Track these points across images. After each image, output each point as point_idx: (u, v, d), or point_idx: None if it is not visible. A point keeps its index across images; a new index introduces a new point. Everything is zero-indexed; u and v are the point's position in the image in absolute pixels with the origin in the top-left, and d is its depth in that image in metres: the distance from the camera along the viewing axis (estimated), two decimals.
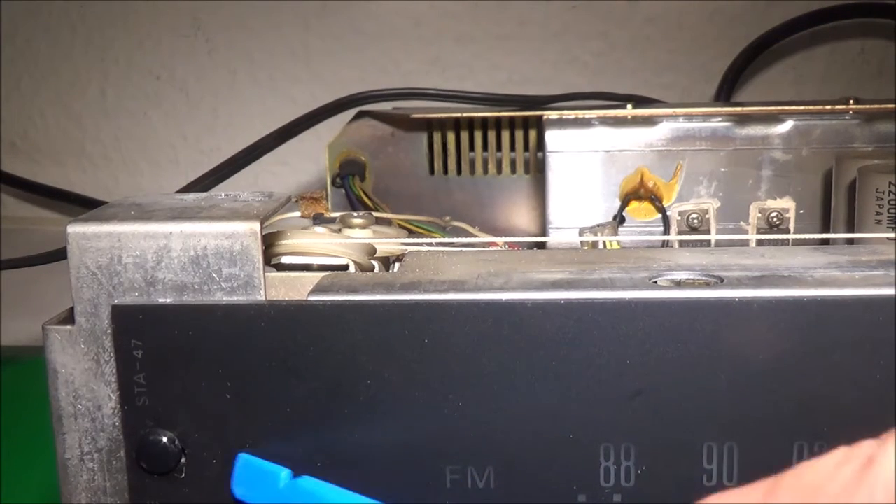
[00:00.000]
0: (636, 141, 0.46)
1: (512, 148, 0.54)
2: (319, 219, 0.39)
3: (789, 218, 0.42)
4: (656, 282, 0.26)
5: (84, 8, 0.83)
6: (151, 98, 0.83)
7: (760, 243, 0.42)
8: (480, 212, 0.54)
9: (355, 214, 0.35)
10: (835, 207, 0.43)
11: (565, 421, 0.25)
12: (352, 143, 0.54)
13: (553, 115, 0.47)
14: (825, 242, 0.42)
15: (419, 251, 0.32)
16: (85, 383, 0.27)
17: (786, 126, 0.46)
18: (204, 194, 0.29)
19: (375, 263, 0.32)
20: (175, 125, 0.84)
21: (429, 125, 0.54)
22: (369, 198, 0.52)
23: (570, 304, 0.25)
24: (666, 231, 0.45)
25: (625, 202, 0.46)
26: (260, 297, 0.26)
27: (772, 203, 0.43)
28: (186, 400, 0.26)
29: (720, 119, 0.46)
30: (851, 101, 0.47)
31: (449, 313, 0.25)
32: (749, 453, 0.25)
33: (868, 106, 0.47)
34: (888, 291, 0.24)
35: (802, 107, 0.47)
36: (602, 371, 0.25)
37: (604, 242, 0.40)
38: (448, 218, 0.47)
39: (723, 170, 0.46)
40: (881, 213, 0.39)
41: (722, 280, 0.26)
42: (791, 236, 0.42)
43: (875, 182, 0.40)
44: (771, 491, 0.21)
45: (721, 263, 0.28)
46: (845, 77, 0.78)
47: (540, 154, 0.50)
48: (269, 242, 0.30)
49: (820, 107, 0.47)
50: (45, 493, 0.45)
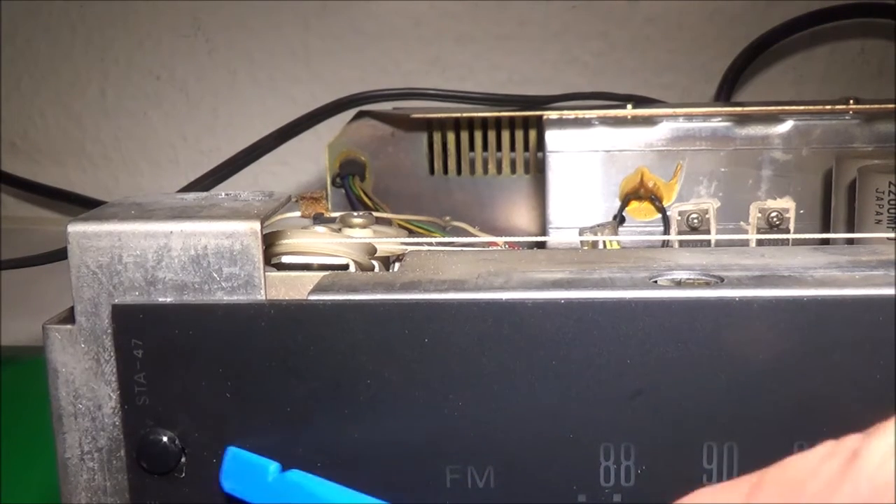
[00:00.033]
0: (636, 141, 0.46)
1: (512, 148, 0.54)
2: (319, 219, 0.39)
3: (789, 218, 0.42)
4: (656, 282, 0.26)
5: (84, 8, 0.83)
6: (151, 98, 0.83)
7: (760, 243, 0.42)
8: (480, 212, 0.54)
9: (355, 214, 0.36)
10: (835, 207, 0.43)
11: (565, 421, 0.25)
12: (352, 143, 0.54)
13: (553, 115, 0.47)
14: (825, 242, 0.42)
15: (419, 251, 0.32)
16: (85, 383, 0.27)
17: (786, 126, 0.46)
18: (204, 194, 0.29)
19: (375, 263, 0.32)
20: (175, 125, 0.84)
21: (429, 125, 0.54)
22: (369, 198, 0.52)
23: (570, 304, 0.25)
24: (666, 231, 0.45)
25: (625, 202, 0.46)
26: (260, 297, 0.26)
27: (772, 203, 0.43)
28: (187, 399, 0.26)
29: (720, 119, 0.46)
30: (851, 101, 0.47)
31: (449, 313, 0.25)
32: (749, 453, 0.25)
33: (868, 106, 0.47)
34: (888, 291, 0.24)
35: (802, 107, 0.47)
36: (602, 371, 0.25)
37: (604, 242, 0.40)
38: (448, 218, 0.47)
39: (723, 170, 0.46)
40: (881, 213, 0.39)
41: (722, 280, 0.26)
42: (791, 236, 0.42)
43: (875, 182, 0.40)
44: (757, 485, 0.21)
45: (721, 263, 0.28)
46: (845, 77, 0.78)
47: (540, 154, 0.50)
48: (270, 242, 0.30)
49: (820, 107, 0.47)
50: (45, 493, 0.45)
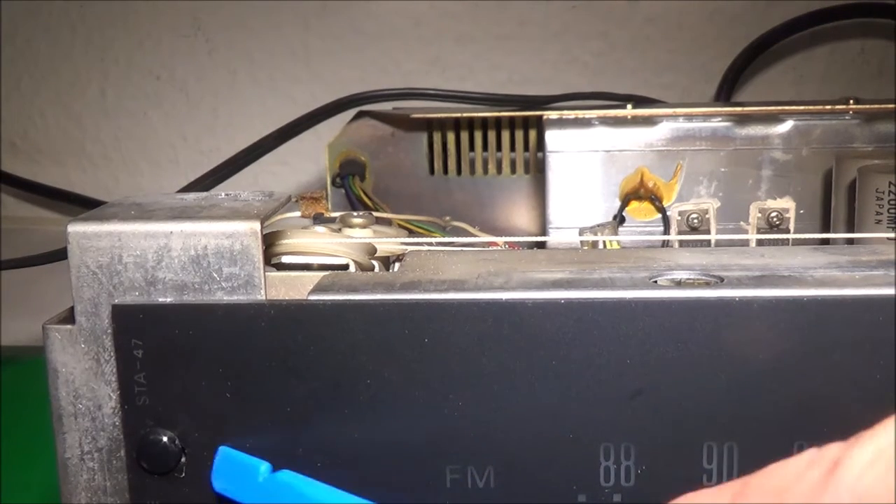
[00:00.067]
0: (636, 141, 0.46)
1: (512, 148, 0.54)
2: (319, 219, 0.39)
3: (789, 218, 0.42)
4: (656, 281, 0.26)
5: (84, 8, 0.83)
6: (151, 98, 0.83)
7: (760, 243, 0.42)
8: (480, 212, 0.54)
9: (355, 214, 0.35)
10: (835, 207, 0.43)
11: (565, 421, 0.25)
12: (352, 143, 0.54)
13: (553, 115, 0.47)
14: (825, 242, 0.42)
15: (419, 251, 0.32)
16: (85, 383, 0.27)
17: (786, 126, 0.46)
18: (204, 194, 0.29)
19: (375, 263, 0.32)
20: (175, 125, 0.84)
21: (429, 125, 0.54)
22: (369, 198, 0.52)
23: (570, 304, 0.25)
24: (666, 231, 0.45)
25: (625, 202, 0.46)
26: (260, 297, 0.26)
27: (772, 203, 0.43)
28: (187, 399, 0.26)
29: (720, 119, 0.46)
30: (851, 101, 0.47)
31: (449, 313, 0.25)
32: (749, 453, 0.25)
33: (868, 106, 0.47)
34: (888, 291, 0.24)
35: (802, 107, 0.47)
36: (602, 371, 0.25)
37: (604, 242, 0.40)
38: (448, 218, 0.47)
39: (723, 170, 0.46)
40: (881, 213, 0.39)
41: (722, 280, 0.26)
42: (791, 236, 0.42)
43: (875, 182, 0.40)
44: (741, 491, 0.21)
45: (721, 263, 0.28)
46: (845, 77, 0.78)
47: (540, 154, 0.50)
48: (270, 242, 0.30)
49: (820, 107, 0.47)
50: (45, 493, 0.45)
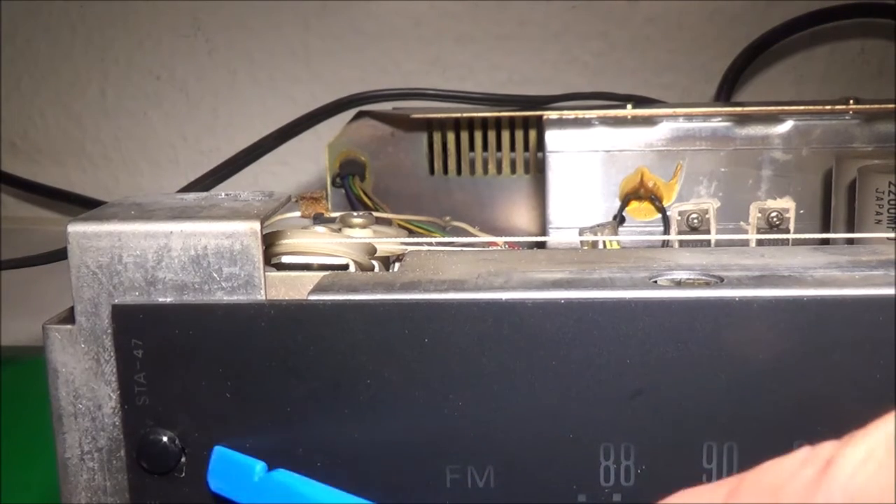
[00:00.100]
0: (636, 141, 0.46)
1: (512, 148, 0.54)
2: (319, 219, 0.39)
3: (789, 218, 0.42)
4: (656, 281, 0.26)
5: (84, 8, 0.83)
6: (151, 98, 0.83)
7: (760, 243, 0.42)
8: (480, 212, 0.54)
9: (355, 214, 0.35)
10: (835, 207, 0.43)
11: (565, 421, 0.25)
12: (352, 143, 0.54)
13: (553, 115, 0.47)
14: (825, 242, 0.42)
15: (419, 251, 0.32)
16: (85, 383, 0.27)
17: (786, 126, 0.46)
18: (204, 194, 0.29)
19: (375, 263, 0.32)
20: (175, 125, 0.84)
21: (429, 125, 0.54)
22: (369, 198, 0.52)
23: (570, 304, 0.25)
24: (666, 231, 0.45)
25: (625, 202, 0.46)
26: (260, 297, 0.26)
27: (772, 203, 0.43)
28: (187, 399, 0.26)
29: (720, 119, 0.46)
30: (851, 101, 0.47)
31: (449, 313, 0.25)
32: (749, 453, 0.25)
33: (868, 106, 0.47)
34: (888, 291, 0.24)
35: (802, 107, 0.47)
36: (602, 371, 0.25)
37: (604, 242, 0.40)
38: (448, 218, 0.47)
39: (723, 170, 0.46)
40: (881, 213, 0.39)
41: (722, 280, 0.26)
42: (791, 236, 0.42)
43: (875, 182, 0.40)
44: (735, 489, 0.21)
45: (721, 263, 0.28)
46: (845, 77, 0.78)
47: (540, 154, 0.50)
48: (270, 242, 0.30)
49: (820, 107, 0.47)
50: (45, 493, 0.45)
